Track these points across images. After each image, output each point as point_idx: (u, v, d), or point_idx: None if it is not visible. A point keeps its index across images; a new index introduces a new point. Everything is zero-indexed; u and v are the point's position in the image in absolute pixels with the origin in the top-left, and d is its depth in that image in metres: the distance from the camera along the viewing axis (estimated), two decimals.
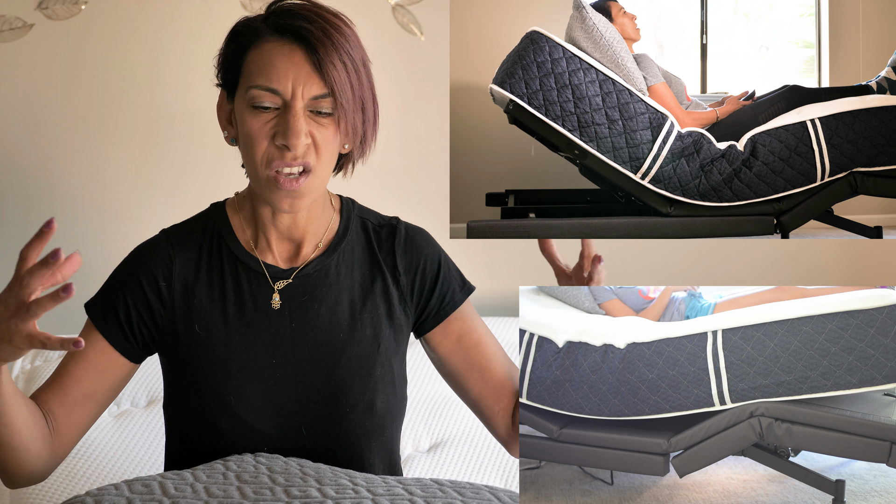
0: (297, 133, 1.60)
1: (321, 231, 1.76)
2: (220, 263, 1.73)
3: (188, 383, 1.73)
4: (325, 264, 1.75)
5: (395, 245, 1.79)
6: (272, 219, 1.72)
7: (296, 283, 1.74)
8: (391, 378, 1.78)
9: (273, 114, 1.62)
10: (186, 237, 1.75)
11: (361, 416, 1.74)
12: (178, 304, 1.72)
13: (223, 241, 1.74)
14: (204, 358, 1.71)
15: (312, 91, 1.61)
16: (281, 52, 1.61)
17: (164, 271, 1.72)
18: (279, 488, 1.52)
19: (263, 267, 1.73)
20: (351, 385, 1.73)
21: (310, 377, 1.73)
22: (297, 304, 1.73)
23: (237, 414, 1.70)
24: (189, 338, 1.71)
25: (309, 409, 1.72)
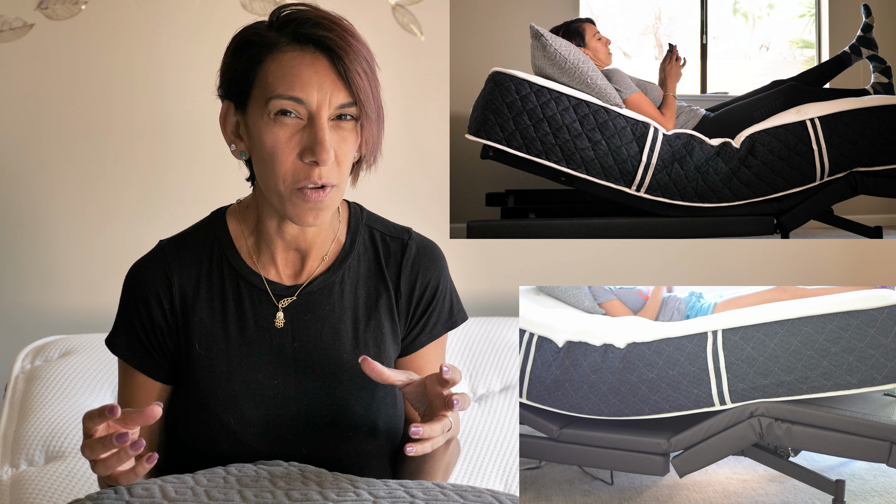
0: (327, 148, 1.54)
1: (327, 243, 1.70)
2: (220, 279, 1.68)
3: (188, 403, 1.68)
4: (330, 281, 1.69)
5: (402, 263, 1.73)
6: (278, 230, 1.66)
7: (300, 300, 1.68)
8: (393, 397, 1.72)
9: (296, 126, 1.56)
10: (184, 251, 1.70)
11: (364, 437, 1.68)
12: (180, 322, 1.67)
13: (224, 255, 1.69)
14: (205, 378, 1.66)
15: (339, 100, 1.56)
16: (303, 61, 1.56)
17: (165, 290, 1.67)
18: (280, 492, 1.52)
19: (266, 284, 1.68)
20: (353, 406, 1.67)
21: (312, 398, 1.67)
22: (300, 322, 1.68)
23: (237, 436, 1.65)
24: (189, 357, 1.67)
25: (310, 431, 1.67)
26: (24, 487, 2.32)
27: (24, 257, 2.97)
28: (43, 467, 2.40)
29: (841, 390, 1.87)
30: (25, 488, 2.32)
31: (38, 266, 2.98)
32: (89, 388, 2.65)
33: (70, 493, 2.30)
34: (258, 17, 2.31)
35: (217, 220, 1.72)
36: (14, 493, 2.33)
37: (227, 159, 2.46)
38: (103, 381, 2.67)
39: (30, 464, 2.44)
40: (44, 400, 2.58)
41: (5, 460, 2.46)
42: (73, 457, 2.42)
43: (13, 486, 2.36)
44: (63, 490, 2.31)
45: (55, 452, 2.44)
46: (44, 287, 2.98)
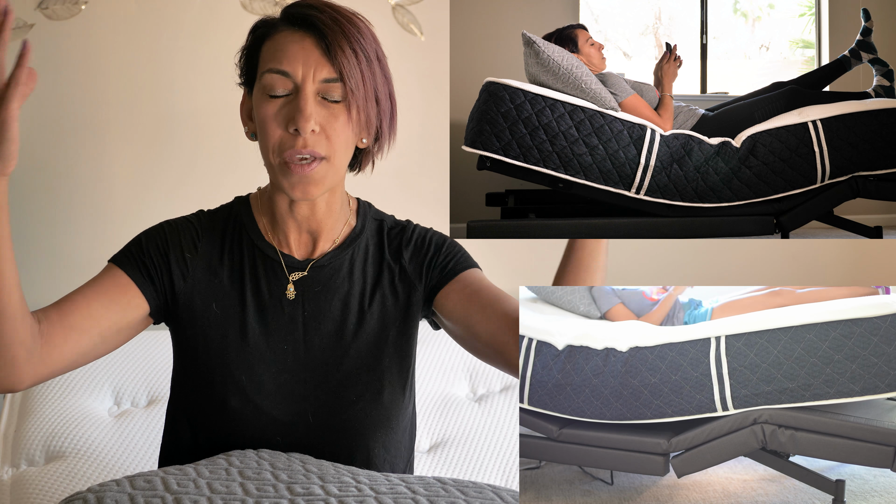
0: (307, 116, 1.64)
1: (338, 227, 1.81)
2: (240, 250, 1.79)
3: (200, 360, 1.77)
4: (340, 258, 1.80)
5: (402, 242, 1.83)
6: (289, 210, 1.77)
7: (310, 274, 1.79)
8: (398, 370, 1.81)
9: (286, 100, 1.67)
10: (214, 221, 1.81)
11: (368, 405, 1.77)
12: (199, 279, 1.77)
13: (244, 230, 1.80)
14: (219, 336, 1.76)
15: (322, 74, 1.66)
16: (292, 38, 1.68)
17: (191, 245, 1.78)
18: (282, 485, 1.53)
19: (281, 257, 1.79)
20: (359, 375, 1.77)
21: (320, 365, 1.77)
22: (310, 294, 1.78)
23: (247, 394, 1.75)
24: (206, 315, 1.76)
25: (317, 397, 1.77)
26: (25, 487, 2.32)
27: (23, 257, 2.97)
28: (43, 467, 2.40)
29: (844, 398, 1.87)
30: (25, 488, 2.32)
31: (38, 266, 2.98)
32: (89, 388, 2.65)
33: (70, 491, 2.30)
34: (258, 17, 2.31)
35: (240, 203, 1.84)
36: (14, 493, 2.34)
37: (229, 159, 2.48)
38: (103, 381, 2.68)
39: (30, 464, 2.44)
40: (44, 400, 2.58)
41: (5, 460, 2.46)
42: (73, 457, 2.42)
43: (13, 486, 2.36)
44: (63, 490, 2.31)
45: (55, 452, 2.45)
46: (44, 287, 2.98)
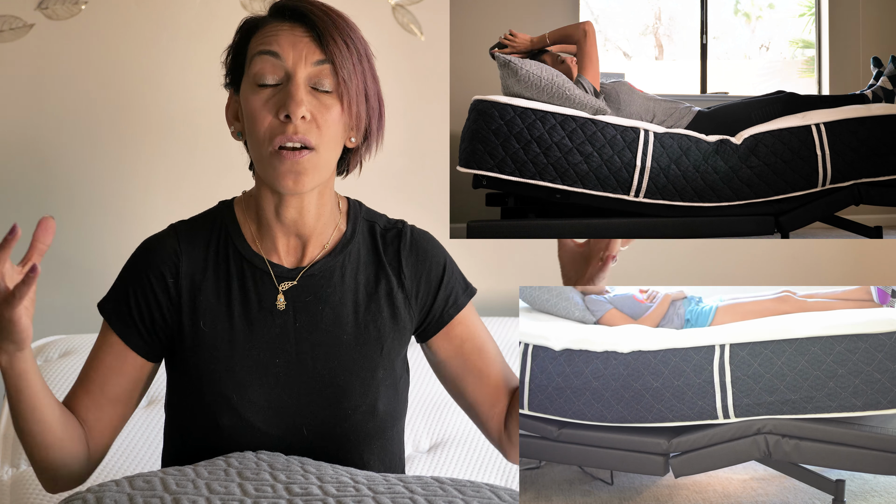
0: (299, 101, 1.62)
1: (328, 232, 1.76)
2: (226, 261, 1.74)
3: (191, 379, 1.73)
4: (331, 265, 1.75)
5: (400, 248, 1.79)
6: (276, 214, 1.72)
7: (301, 283, 1.74)
8: (393, 380, 1.78)
9: (276, 89, 1.65)
10: (194, 234, 1.76)
11: (363, 417, 1.74)
12: (184, 300, 1.73)
13: (230, 239, 1.75)
14: (208, 354, 1.72)
15: (315, 57, 1.64)
16: (283, 27, 1.66)
17: (172, 267, 1.73)
18: (280, 485, 1.53)
19: (269, 266, 1.74)
20: (353, 386, 1.73)
21: (312, 377, 1.73)
22: (301, 304, 1.74)
23: (238, 411, 1.71)
24: (194, 334, 1.72)
25: (311, 410, 1.73)
26: (25, 487, 2.32)
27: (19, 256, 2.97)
28: None
29: (845, 412, 1.87)
30: (26, 488, 2.32)
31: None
32: None
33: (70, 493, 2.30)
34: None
35: (225, 208, 1.79)
36: (14, 493, 2.33)
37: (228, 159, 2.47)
38: None
39: (30, 464, 2.44)
40: None
41: (5, 460, 2.46)
42: None
43: (13, 486, 2.36)
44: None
45: None
46: (43, 287, 2.98)
